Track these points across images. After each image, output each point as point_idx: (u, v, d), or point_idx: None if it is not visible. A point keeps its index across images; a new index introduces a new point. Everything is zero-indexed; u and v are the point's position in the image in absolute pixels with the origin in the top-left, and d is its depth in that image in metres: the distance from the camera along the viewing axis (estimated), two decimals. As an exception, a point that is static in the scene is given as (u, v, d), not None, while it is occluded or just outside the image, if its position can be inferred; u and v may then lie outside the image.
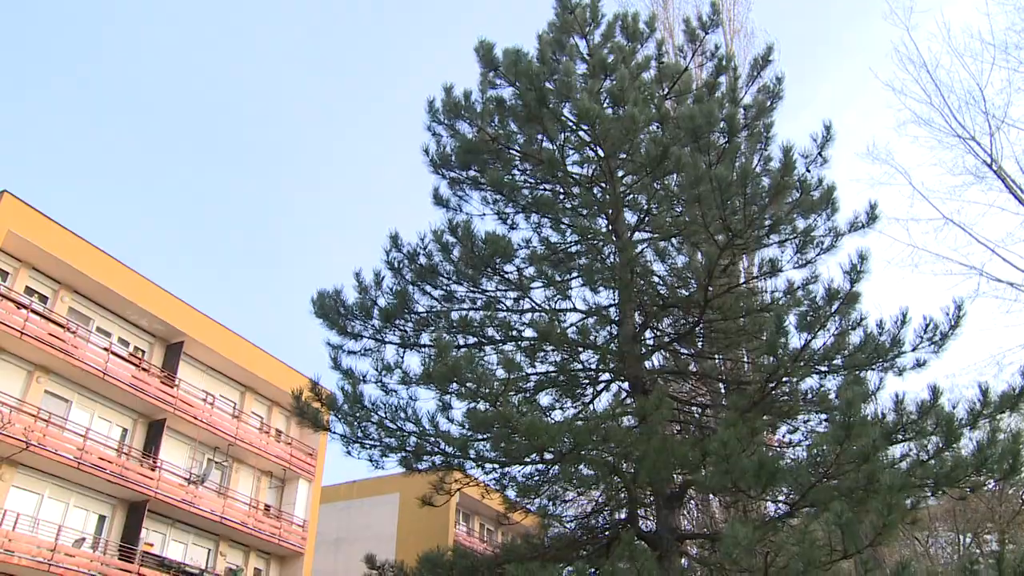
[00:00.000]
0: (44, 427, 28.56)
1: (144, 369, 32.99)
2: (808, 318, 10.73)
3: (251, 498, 36.70)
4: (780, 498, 10.65)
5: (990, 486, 28.86)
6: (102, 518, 31.37)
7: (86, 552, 29.93)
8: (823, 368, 11.20)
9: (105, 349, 31.57)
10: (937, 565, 27.37)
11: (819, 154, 11.78)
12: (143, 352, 34.20)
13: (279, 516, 37.59)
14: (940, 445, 9.57)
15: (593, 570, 9.58)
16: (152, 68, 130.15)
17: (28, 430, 26.57)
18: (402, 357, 11.43)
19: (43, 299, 30.54)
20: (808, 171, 11.71)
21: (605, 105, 13.28)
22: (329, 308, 11.78)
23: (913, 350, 10.87)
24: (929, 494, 10.75)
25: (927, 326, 10.69)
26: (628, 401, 11.34)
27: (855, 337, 11.10)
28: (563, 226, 13.44)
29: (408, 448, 10.57)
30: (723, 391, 13.13)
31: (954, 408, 9.89)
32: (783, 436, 12.71)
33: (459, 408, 10.55)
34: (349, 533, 42.95)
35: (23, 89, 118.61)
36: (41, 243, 29.52)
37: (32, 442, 25.73)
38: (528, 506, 11.29)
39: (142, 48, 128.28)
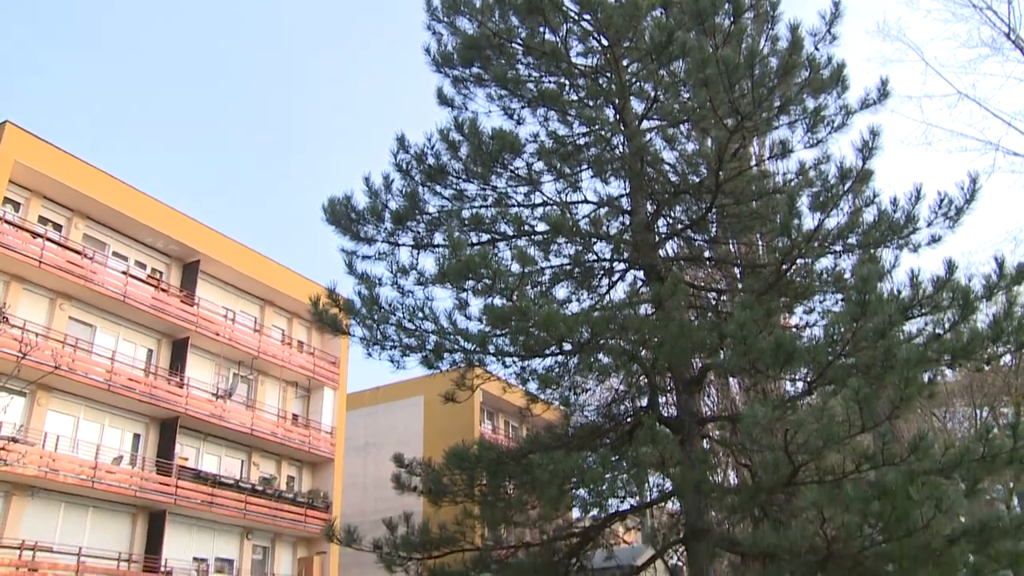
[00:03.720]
0: (72, 352, 29.07)
1: (163, 290, 33.33)
2: (821, 198, 10.65)
3: (279, 409, 37.46)
4: (798, 378, 10.75)
5: (1006, 360, 29.08)
6: (136, 436, 32.15)
7: (125, 469, 30.80)
8: (837, 248, 11.16)
9: (123, 273, 31.85)
10: (954, 439, 27.78)
11: (828, 31, 11.51)
12: (161, 273, 34.49)
13: (307, 425, 38.41)
14: (956, 319, 9.56)
15: (616, 457, 9.77)
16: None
17: (57, 356, 27.01)
18: (416, 259, 11.48)
19: (57, 227, 30.69)
20: (817, 49, 11.47)
21: (607, -8, 12.93)
22: (340, 214, 11.76)
23: (928, 226, 10.77)
24: (946, 368, 10.81)
25: (941, 201, 10.57)
26: (644, 290, 11.38)
27: (869, 215, 11.00)
28: (570, 118, 13.24)
29: (428, 347, 10.67)
30: (739, 276, 13.14)
31: (969, 281, 9.84)
32: (800, 319, 12.77)
33: (476, 305, 10.62)
34: (376, 437, 43.87)
35: (13, 24, 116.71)
36: (49, 172, 29.48)
37: (60, 365, 26.18)
38: (550, 399, 11.45)
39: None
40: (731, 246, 13.23)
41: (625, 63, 13.54)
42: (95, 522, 29.97)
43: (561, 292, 11.97)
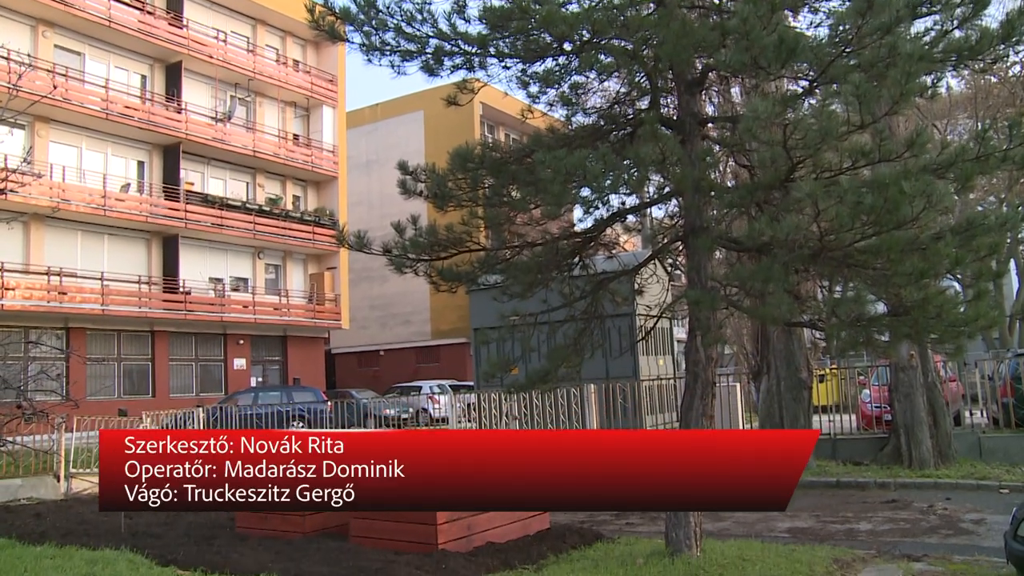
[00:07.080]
0: (64, 81, 28.64)
1: (149, 12, 32.27)
2: None
3: (279, 130, 37.44)
4: (800, 77, 10.66)
5: (1015, 70, 28.58)
6: (141, 163, 32.50)
7: (134, 196, 31.41)
8: (847, -58, 10.67)
9: (103, -6, 30.68)
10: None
11: None
12: (144, -6, 33.23)
13: (308, 144, 38.55)
14: (966, 14, 9.30)
15: (619, 157, 9.89)
16: None
17: (48, 86, 26.67)
18: (412, -38, 11.02)
19: (19, -54, 29.07)
20: None
21: None
22: (329, -84, 11.18)
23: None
24: (950, 69, 10.63)
25: None
26: (645, -11, 11.04)
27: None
28: None
29: (428, 51, 10.53)
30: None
31: (987, -23, 9.45)
32: (805, 24, 12.42)
33: (474, 7, 10.34)
34: (379, 154, 44.06)
35: None
36: None
37: (55, 87, 25.94)
38: (551, 101, 11.42)
39: None
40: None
41: None
42: (112, 248, 31.08)
43: (561, -6, 11.60)
